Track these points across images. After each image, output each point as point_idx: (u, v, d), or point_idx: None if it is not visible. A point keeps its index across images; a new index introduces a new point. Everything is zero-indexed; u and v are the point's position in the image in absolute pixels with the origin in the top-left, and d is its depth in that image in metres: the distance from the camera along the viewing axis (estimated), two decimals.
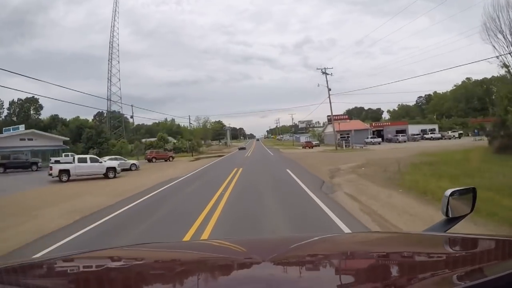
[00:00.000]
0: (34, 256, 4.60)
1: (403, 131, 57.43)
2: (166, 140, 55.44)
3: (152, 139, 60.88)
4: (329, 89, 44.82)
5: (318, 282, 1.01)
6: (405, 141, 51.23)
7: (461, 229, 1.65)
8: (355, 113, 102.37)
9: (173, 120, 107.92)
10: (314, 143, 58.60)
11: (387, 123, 67.35)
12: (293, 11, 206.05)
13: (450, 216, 1.55)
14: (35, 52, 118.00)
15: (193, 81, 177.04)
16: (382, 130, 61.67)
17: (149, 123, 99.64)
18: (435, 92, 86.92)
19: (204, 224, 6.81)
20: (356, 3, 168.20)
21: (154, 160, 39.85)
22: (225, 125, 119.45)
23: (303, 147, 54.75)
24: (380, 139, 54.52)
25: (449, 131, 57.79)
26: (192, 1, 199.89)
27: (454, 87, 77.82)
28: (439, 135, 55.28)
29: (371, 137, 55.20)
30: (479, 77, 69.08)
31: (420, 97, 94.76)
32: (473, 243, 1.35)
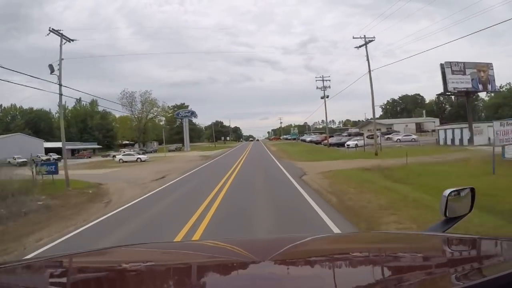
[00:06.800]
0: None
1: None
2: None
3: None
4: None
5: (319, 281, 1.02)
6: None
7: None
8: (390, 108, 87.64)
9: (94, 101, 53.29)
10: None
11: None
12: (296, 13, 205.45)
13: (449, 216, 1.55)
14: None
15: (194, 82, 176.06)
16: None
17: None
18: None
19: None
20: (357, 6, 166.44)
21: None
22: (185, 114, 62.02)
23: None
24: None
25: None
26: (195, 1, 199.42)
27: None
28: None
29: None
30: None
31: None
32: (472, 243, 1.35)
